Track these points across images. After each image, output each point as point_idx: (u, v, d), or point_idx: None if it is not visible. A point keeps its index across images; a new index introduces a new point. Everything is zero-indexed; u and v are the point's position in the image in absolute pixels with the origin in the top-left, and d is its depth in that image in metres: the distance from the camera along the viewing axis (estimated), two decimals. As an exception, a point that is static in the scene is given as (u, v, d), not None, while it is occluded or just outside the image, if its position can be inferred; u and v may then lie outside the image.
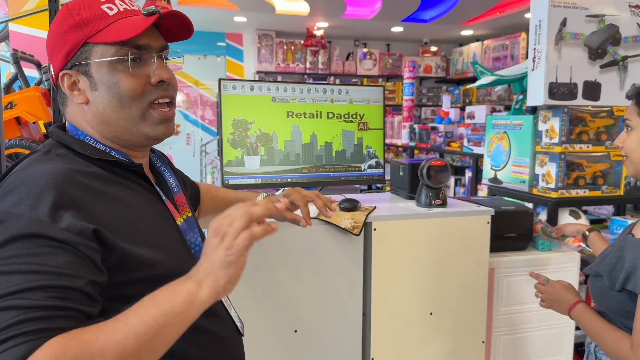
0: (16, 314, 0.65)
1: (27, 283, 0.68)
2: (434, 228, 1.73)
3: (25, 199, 0.75)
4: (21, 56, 2.67)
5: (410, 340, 1.74)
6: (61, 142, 0.91)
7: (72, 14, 0.88)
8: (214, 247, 0.77)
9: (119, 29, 0.88)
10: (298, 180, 1.78)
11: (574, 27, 2.12)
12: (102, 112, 0.90)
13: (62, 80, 0.90)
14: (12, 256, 0.70)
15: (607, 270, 1.19)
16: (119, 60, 0.88)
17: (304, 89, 1.76)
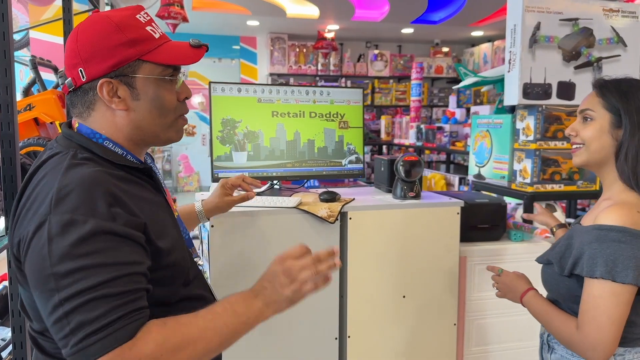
0: (109, 301, 0.81)
1: (108, 274, 0.82)
2: (406, 218, 1.88)
3: (82, 203, 0.85)
4: (39, 62, 2.89)
5: (385, 321, 1.89)
6: (82, 146, 0.98)
7: (123, 31, 0.96)
8: (283, 285, 0.98)
9: (169, 53, 1.00)
10: (282, 174, 1.95)
11: (548, 31, 2.24)
12: (141, 119, 1.01)
13: (101, 87, 0.97)
14: (88, 253, 0.82)
15: (557, 257, 1.27)
16: (164, 78, 1.01)
17: (287, 91, 1.93)
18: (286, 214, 1.76)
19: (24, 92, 2.90)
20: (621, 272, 1.14)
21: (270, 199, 1.79)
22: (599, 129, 1.25)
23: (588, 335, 1.18)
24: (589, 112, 1.27)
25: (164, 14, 5.43)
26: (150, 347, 0.81)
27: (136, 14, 1.00)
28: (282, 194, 1.98)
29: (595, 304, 1.17)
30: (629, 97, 1.23)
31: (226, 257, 1.71)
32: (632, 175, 1.22)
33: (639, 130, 1.21)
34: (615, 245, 1.15)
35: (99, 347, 0.78)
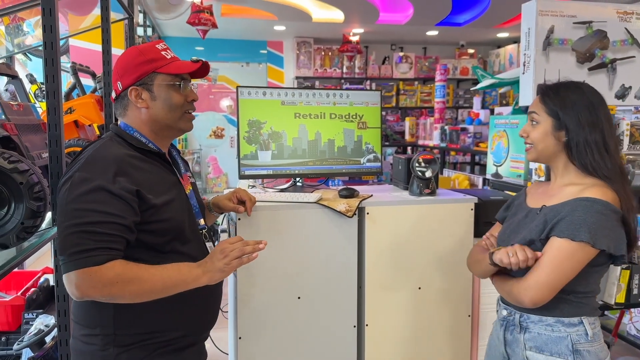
0: (91, 236, 1.19)
1: (99, 217, 1.20)
2: (422, 213, 1.98)
3: (98, 168, 1.26)
4: (79, 68, 3.09)
5: (401, 310, 2.00)
6: (117, 134, 1.42)
7: (144, 54, 1.40)
8: (218, 259, 1.33)
9: (176, 67, 1.41)
10: (304, 171, 2.07)
11: (561, 34, 2.31)
12: (157, 113, 1.41)
13: (131, 93, 1.39)
14: (91, 201, 1.21)
15: (537, 235, 1.40)
16: (173, 84, 1.40)
17: (309, 94, 2.05)
18: (307, 208, 1.88)
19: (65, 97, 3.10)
20: (600, 239, 1.31)
21: (293, 195, 1.92)
22: (543, 132, 1.46)
23: (528, 277, 1.37)
24: (534, 116, 1.48)
25: (194, 21, 5.63)
26: (110, 274, 1.18)
27: (156, 44, 1.44)
28: (304, 190, 2.10)
29: (549, 255, 1.35)
30: (565, 102, 1.43)
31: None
32: (588, 163, 1.41)
33: (582, 129, 1.41)
34: (598, 215, 1.33)
35: (74, 265, 1.16)
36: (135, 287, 1.22)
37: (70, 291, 1.20)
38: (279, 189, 2.12)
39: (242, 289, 1.85)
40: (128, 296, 1.23)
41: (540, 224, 1.41)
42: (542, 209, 1.46)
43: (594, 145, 1.41)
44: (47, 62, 1.84)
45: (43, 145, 2.33)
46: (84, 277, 1.17)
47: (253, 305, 1.86)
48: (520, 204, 1.59)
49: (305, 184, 2.20)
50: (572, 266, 1.34)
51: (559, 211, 1.39)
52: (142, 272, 1.23)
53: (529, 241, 1.42)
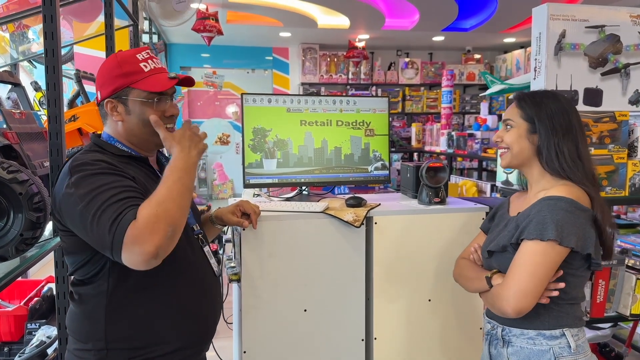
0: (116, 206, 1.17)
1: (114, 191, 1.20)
2: (432, 223, 1.93)
3: (89, 166, 1.25)
4: (83, 75, 3.06)
5: (411, 323, 1.94)
6: (96, 144, 1.42)
7: (121, 66, 1.37)
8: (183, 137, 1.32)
9: (151, 83, 1.37)
10: (310, 180, 2.03)
11: (573, 38, 2.26)
12: (132, 128, 1.39)
13: (107, 105, 1.38)
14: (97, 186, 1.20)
15: (508, 241, 1.40)
16: (147, 101, 1.37)
17: (315, 101, 2.01)
18: (313, 218, 1.84)
19: (69, 104, 3.08)
20: (567, 237, 1.30)
21: (299, 204, 1.87)
22: (517, 134, 1.48)
23: (506, 286, 1.34)
24: (509, 122, 1.52)
25: (200, 28, 5.62)
26: (145, 212, 1.15)
27: (138, 53, 1.40)
28: (310, 199, 2.05)
29: (523, 260, 1.34)
30: (541, 107, 1.46)
31: (257, 259, 1.79)
32: (560, 169, 1.42)
33: (553, 133, 1.43)
34: (563, 212, 1.33)
35: (120, 230, 1.13)
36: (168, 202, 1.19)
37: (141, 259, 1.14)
38: (285, 198, 2.07)
39: (246, 301, 1.80)
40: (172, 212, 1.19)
41: (512, 229, 1.42)
42: (518, 215, 1.46)
43: (567, 151, 1.43)
44: (48, 70, 1.81)
45: (45, 154, 2.30)
46: (136, 235, 1.13)
47: (258, 318, 1.82)
48: (503, 215, 1.59)
49: (311, 192, 2.15)
50: (547, 267, 1.33)
51: (527, 214, 1.39)
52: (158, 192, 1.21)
53: (502, 247, 1.43)
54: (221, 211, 1.71)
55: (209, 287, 1.46)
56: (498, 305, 1.37)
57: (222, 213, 1.70)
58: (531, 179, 1.51)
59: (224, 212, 1.70)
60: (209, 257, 1.49)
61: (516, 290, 1.32)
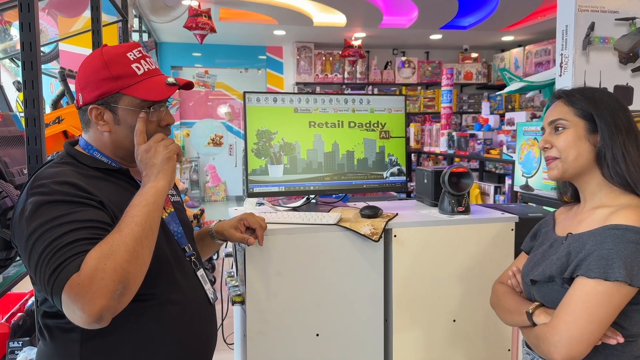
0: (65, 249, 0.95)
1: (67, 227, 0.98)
2: (456, 235, 1.74)
3: (50, 186, 1.04)
4: (68, 74, 2.84)
5: (433, 347, 1.75)
6: (69, 154, 1.20)
7: (109, 67, 1.14)
8: (152, 157, 1.12)
9: (146, 89, 1.16)
10: (320, 187, 1.83)
11: (602, 31, 2.08)
12: (121, 140, 1.19)
13: (91, 112, 1.17)
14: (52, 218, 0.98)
15: (558, 270, 1.16)
16: (141, 110, 1.17)
17: (325, 100, 1.81)
18: (326, 231, 1.64)
19: (53, 105, 2.86)
20: (637, 275, 1.07)
21: (309, 215, 1.68)
22: (575, 136, 1.22)
23: (555, 329, 1.11)
24: (561, 122, 1.24)
25: (192, 25, 5.41)
26: (92, 263, 0.94)
27: (128, 51, 1.17)
28: (319, 209, 1.86)
29: (579, 301, 1.09)
30: (597, 102, 1.22)
31: (263, 278, 1.59)
32: (628, 176, 1.17)
33: (617, 131, 1.19)
34: (633, 246, 1.08)
35: (59, 283, 0.93)
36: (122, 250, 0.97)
37: (81, 321, 0.93)
38: (291, 207, 1.87)
39: (252, 326, 1.60)
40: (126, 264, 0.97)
41: (563, 256, 1.17)
42: (568, 237, 1.22)
43: (633, 153, 1.19)
44: (26, 66, 1.60)
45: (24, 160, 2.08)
46: (75, 292, 0.92)
47: (265, 344, 1.61)
48: (548, 232, 1.34)
49: (320, 201, 1.95)
50: (609, 312, 1.08)
51: (584, 242, 1.14)
52: (113, 234, 1.00)
53: (548, 277, 1.18)
54: (222, 225, 1.51)
55: (203, 318, 1.26)
56: (544, 349, 1.13)
57: (224, 228, 1.49)
58: (586, 191, 1.26)
59: (225, 227, 1.49)
60: (203, 282, 1.29)
61: (569, 336, 1.08)
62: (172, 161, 1.14)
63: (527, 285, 1.27)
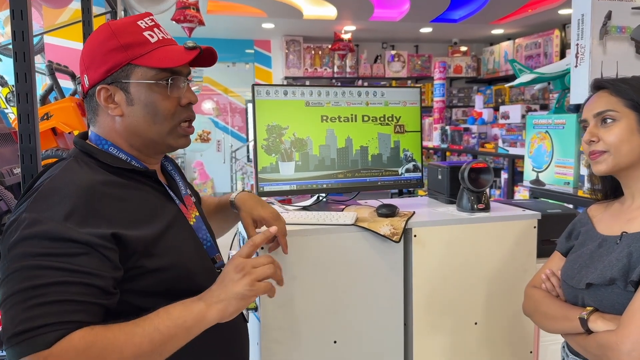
0: (45, 307, 0.78)
1: (55, 277, 0.80)
2: (477, 234, 1.66)
3: (56, 207, 0.86)
4: (56, 68, 2.70)
5: (454, 352, 1.67)
6: (84, 152, 1.01)
7: (117, 36, 0.98)
8: (234, 281, 0.92)
9: (161, 56, 0.99)
10: (333, 185, 1.73)
11: (619, 21, 2.01)
12: (136, 124, 1.01)
13: (99, 93, 0.99)
14: (44, 254, 0.81)
15: (620, 272, 1.09)
16: (157, 83, 0.99)
17: (338, 92, 1.71)
18: (342, 232, 1.55)
19: (41, 100, 2.71)
20: None
21: (324, 215, 1.58)
22: (627, 129, 1.14)
23: (625, 335, 1.01)
24: (610, 113, 1.16)
25: (180, 18, 5.25)
26: (70, 353, 0.78)
27: (138, 20, 1.02)
28: (331, 207, 1.76)
29: None
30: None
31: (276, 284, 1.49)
32: None
33: None
34: None
35: (17, 350, 0.77)
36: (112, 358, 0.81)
37: None
38: (301, 207, 1.78)
39: (266, 334, 1.50)
40: None
41: (624, 257, 1.10)
42: (623, 236, 1.14)
43: None
44: (18, 57, 1.47)
45: (14, 158, 1.95)
46: None
47: (280, 353, 1.52)
48: (589, 231, 1.26)
49: (330, 199, 1.86)
50: None
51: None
52: (115, 335, 0.82)
53: (610, 280, 1.10)
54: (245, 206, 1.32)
55: (239, 338, 1.13)
56: (609, 357, 1.04)
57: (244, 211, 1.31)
58: (634, 186, 1.18)
59: (245, 213, 1.30)
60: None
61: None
62: (246, 302, 0.93)
63: (574, 289, 1.19)
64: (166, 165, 1.17)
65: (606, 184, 1.30)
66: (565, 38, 6.89)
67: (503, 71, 8.08)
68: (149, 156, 1.06)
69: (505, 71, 8.02)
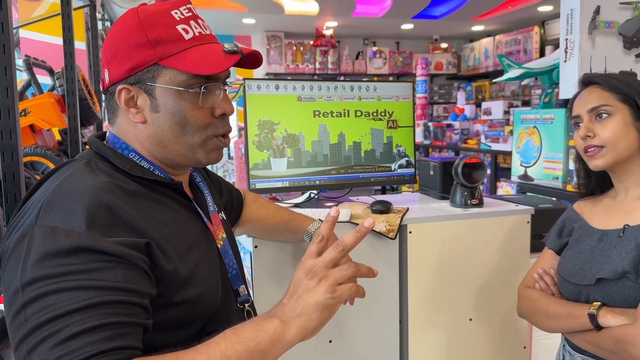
0: (83, 335, 0.64)
1: (88, 300, 0.66)
2: (471, 229, 1.65)
3: (73, 213, 0.72)
4: (34, 62, 2.62)
5: (450, 348, 1.66)
6: (100, 154, 0.87)
7: (145, 29, 0.83)
8: (309, 289, 0.74)
9: (195, 59, 0.83)
10: (326, 182, 1.70)
11: (607, 16, 2.02)
12: (161, 135, 0.86)
13: (120, 94, 0.86)
14: (68, 272, 0.67)
15: (631, 265, 1.08)
16: (188, 90, 0.85)
17: (330, 87, 1.68)
18: (336, 229, 1.48)
19: (18, 96, 2.63)
20: None
21: (317, 212, 1.55)
22: (623, 124, 1.15)
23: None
24: (605, 108, 1.16)
25: (159, 12, 5.16)
26: None
27: (173, 9, 0.85)
28: (323, 204, 1.73)
29: None
30: (634, 86, 1.16)
31: (272, 282, 1.46)
32: None
33: None
34: None
35: None
36: None
37: None
38: (293, 204, 1.74)
39: (261, 334, 1.46)
40: None
41: (633, 249, 1.09)
42: (626, 229, 1.14)
43: None
44: (-4, 49, 1.41)
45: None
46: None
47: (275, 353, 1.48)
48: (583, 227, 1.25)
49: (322, 196, 1.83)
50: None
51: None
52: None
53: (621, 273, 1.09)
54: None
55: None
56: (634, 352, 1.01)
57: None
58: (628, 180, 1.19)
59: None
60: None
61: None
62: (330, 313, 0.74)
63: (577, 286, 1.17)
64: (194, 177, 1.02)
65: (593, 179, 1.29)
66: (545, 35, 6.97)
67: (483, 68, 8.14)
68: (174, 168, 0.92)
69: (486, 67, 8.08)
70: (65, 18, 2.28)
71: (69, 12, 2.29)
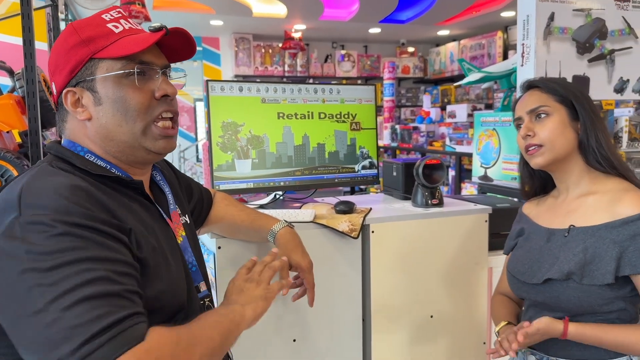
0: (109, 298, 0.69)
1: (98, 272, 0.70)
2: (431, 228, 1.69)
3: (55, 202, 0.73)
4: (-8, 63, 2.55)
5: (412, 345, 1.70)
6: (60, 157, 0.88)
7: (78, 32, 0.88)
8: (252, 288, 0.97)
9: (125, 45, 0.88)
10: (291, 183, 1.72)
11: (561, 22, 2.10)
12: (105, 126, 0.89)
13: (66, 98, 0.89)
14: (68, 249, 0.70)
15: (577, 267, 1.13)
16: (125, 74, 0.88)
17: (294, 89, 1.70)
18: (301, 229, 1.52)
19: (-23, 98, 2.56)
20: None
21: (282, 213, 1.56)
22: (560, 123, 1.20)
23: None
24: (543, 109, 1.22)
25: (125, 14, 5.09)
26: (168, 349, 0.71)
27: (103, 13, 0.92)
28: (288, 205, 1.75)
29: None
30: (572, 89, 1.24)
31: (236, 283, 1.47)
32: (614, 159, 1.19)
33: (596, 117, 1.21)
34: None
35: (106, 351, 0.65)
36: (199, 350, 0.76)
37: None
38: (258, 205, 1.75)
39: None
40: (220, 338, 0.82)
41: (579, 252, 1.14)
42: (571, 229, 1.19)
43: (607, 138, 1.21)
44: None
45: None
46: None
47: (239, 353, 1.49)
48: (531, 227, 1.30)
49: (287, 197, 1.85)
50: None
51: (602, 238, 1.12)
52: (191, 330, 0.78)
53: (567, 274, 1.14)
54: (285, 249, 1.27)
55: None
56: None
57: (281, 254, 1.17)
58: (568, 179, 1.24)
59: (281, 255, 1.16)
60: None
61: None
62: (268, 303, 0.97)
63: (525, 284, 1.23)
64: (154, 176, 1.04)
65: (535, 181, 1.35)
66: (508, 39, 7.15)
67: (449, 72, 8.30)
68: (130, 165, 0.93)
69: (451, 72, 8.24)
70: (25, 18, 2.23)
71: (29, 12, 2.25)
